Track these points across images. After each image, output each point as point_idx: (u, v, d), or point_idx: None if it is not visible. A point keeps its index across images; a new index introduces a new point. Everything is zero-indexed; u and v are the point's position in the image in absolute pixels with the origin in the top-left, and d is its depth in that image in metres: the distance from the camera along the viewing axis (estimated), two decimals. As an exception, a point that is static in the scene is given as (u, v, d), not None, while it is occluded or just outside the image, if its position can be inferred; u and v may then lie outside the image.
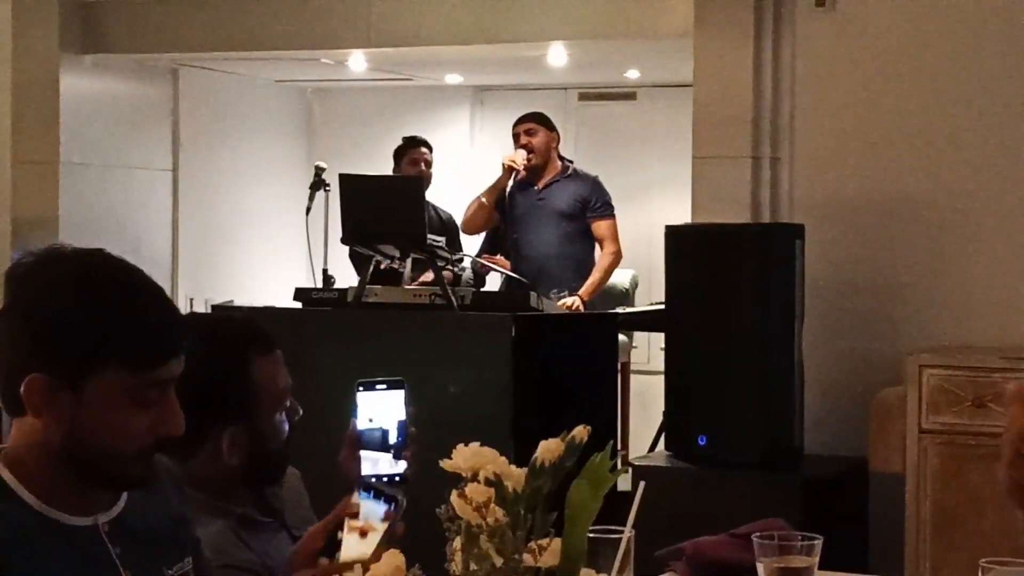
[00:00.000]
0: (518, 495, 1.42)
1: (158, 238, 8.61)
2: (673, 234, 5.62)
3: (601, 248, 7.10)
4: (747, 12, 6.13)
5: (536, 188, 7.10)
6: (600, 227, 7.09)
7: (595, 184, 7.22)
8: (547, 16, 7.11)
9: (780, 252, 5.43)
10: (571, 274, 6.86)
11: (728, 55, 6.16)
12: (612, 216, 7.16)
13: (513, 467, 1.46)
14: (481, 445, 1.53)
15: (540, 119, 7.21)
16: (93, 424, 1.94)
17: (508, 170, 7.03)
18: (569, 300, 6.69)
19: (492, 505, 1.38)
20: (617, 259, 7.11)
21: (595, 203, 7.11)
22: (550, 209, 7.07)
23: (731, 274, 5.44)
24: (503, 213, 7.16)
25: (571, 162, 7.38)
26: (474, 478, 1.42)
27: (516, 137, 7.14)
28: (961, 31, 5.81)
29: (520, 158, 7.01)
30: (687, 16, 6.37)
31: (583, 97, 9.70)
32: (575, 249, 7.08)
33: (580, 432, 1.51)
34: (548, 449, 1.49)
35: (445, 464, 1.45)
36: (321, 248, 6.96)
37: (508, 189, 7.12)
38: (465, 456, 1.45)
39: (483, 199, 7.12)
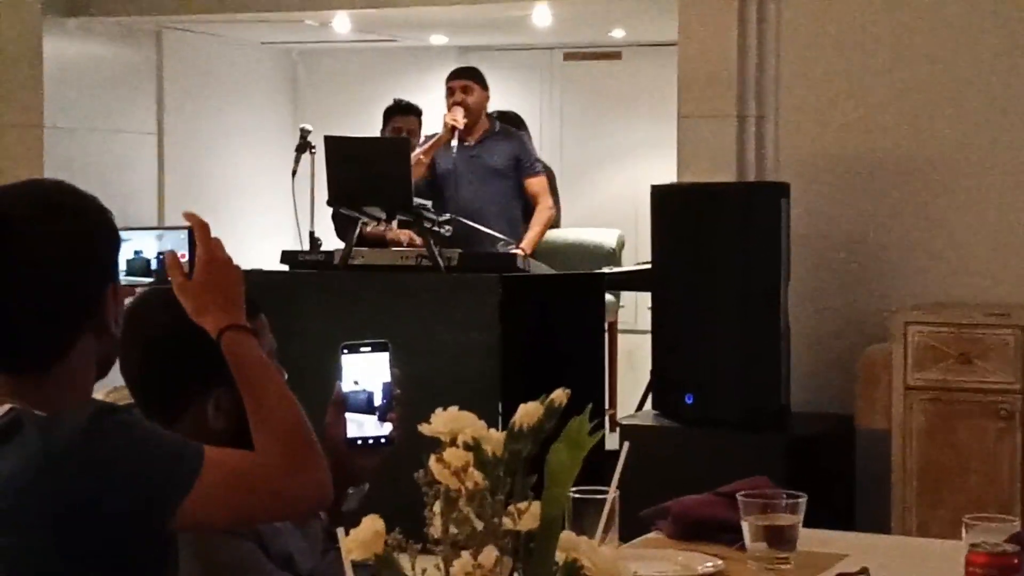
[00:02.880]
0: (497, 459, 1.42)
1: (144, 201, 8.60)
2: (659, 194, 5.62)
3: (535, 203, 7.10)
4: (731, -30, 6.11)
5: (467, 144, 7.09)
6: (533, 183, 7.09)
7: (525, 141, 7.23)
8: (532, -25, 7.09)
9: (766, 211, 5.44)
10: (505, 229, 6.86)
11: (713, 13, 6.15)
12: (542, 172, 7.17)
13: (492, 431, 1.46)
14: (469, 407, 1.54)
15: (475, 75, 7.17)
16: None
17: (450, 129, 7.01)
18: (515, 250, 6.70)
19: (471, 469, 1.39)
20: (553, 214, 7.13)
21: (527, 160, 7.12)
22: (483, 165, 7.06)
23: (717, 233, 5.44)
24: (434, 170, 7.13)
25: (497, 119, 7.35)
26: (453, 442, 1.42)
27: (451, 91, 7.07)
28: (946, -12, 5.80)
29: (460, 116, 6.99)
30: (672, -27, 6.35)
31: (568, 57, 9.68)
32: (507, 205, 7.08)
33: (559, 395, 1.51)
34: (527, 413, 1.49)
35: (424, 428, 1.46)
36: (307, 210, 6.95)
37: (451, 148, 7.07)
38: (444, 420, 1.45)
39: (421, 156, 7.08)
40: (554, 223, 7.58)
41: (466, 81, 7.10)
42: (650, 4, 7.15)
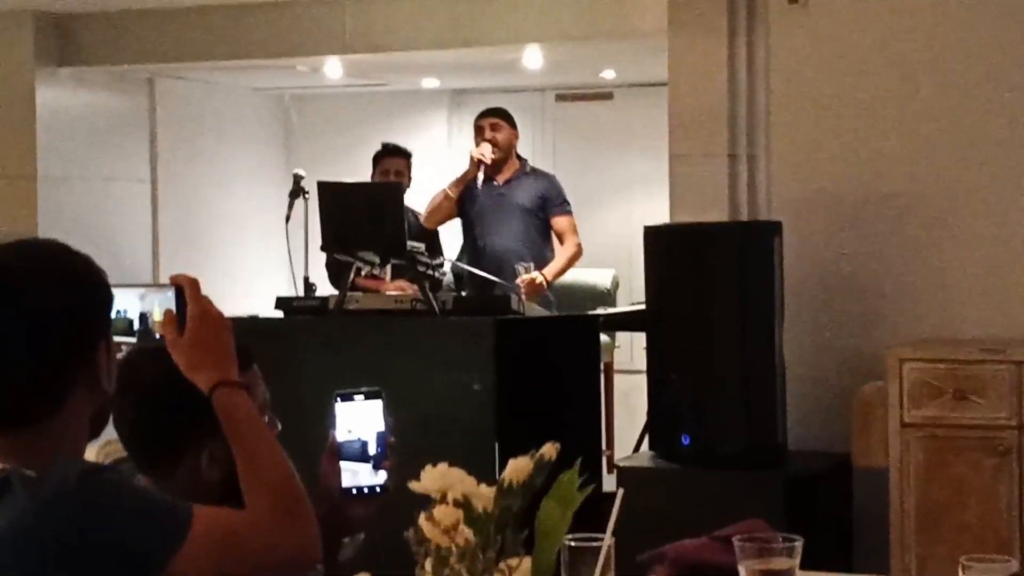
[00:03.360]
0: (488, 515, 1.42)
1: (138, 249, 8.61)
2: (652, 234, 5.63)
3: (562, 241, 7.14)
4: (721, 10, 6.14)
5: (497, 184, 7.12)
6: (561, 222, 7.13)
7: (553, 181, 7.28)
8: (522, 18, 7.12)
9: (759, 250, 5.45)
10: (531, 268, 6.88)
11: (702, 53, 6.17)
12: (571, 212, 7.21)
13: (483, 487, 1.46)
14: (465, 450, 1.54)
15: (504, 115, 7.22)
16: None
17: (476, 163, 7.04)
18: (533, 274, 6.71)
19: (461, 526, 1.39)
20: (579, 251, 7.16)
21: (555, 199, 7.16)
22: (512, 204, 7.10)
23: (711, 273, 5.45)
24: (462, 208, 7.17)
25: (527, 160, 7.40)
26: (443, 499, 1.42)
27: (479, 130, 7.14)
28: (935, 26, 5.83)
29: (488, 151, 7.02)
30: (661, 15, 6.39)
31: (560, 98, 9.71)
32: (535, 245, 7.11)
33: (549, 450, 1.51)
34: (517, 468, 1.49)
35: (413, 486, 1.45)
36: (301, 255, 6.96)
37: (478, 183, 7.11)
38: (433, 477, 1.45)
39: (449, 191, 7.11)
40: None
41: (495, 119, 7.15)
42: (640, 45, 7.18)
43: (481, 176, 7.05)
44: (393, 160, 7.61)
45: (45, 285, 1.99)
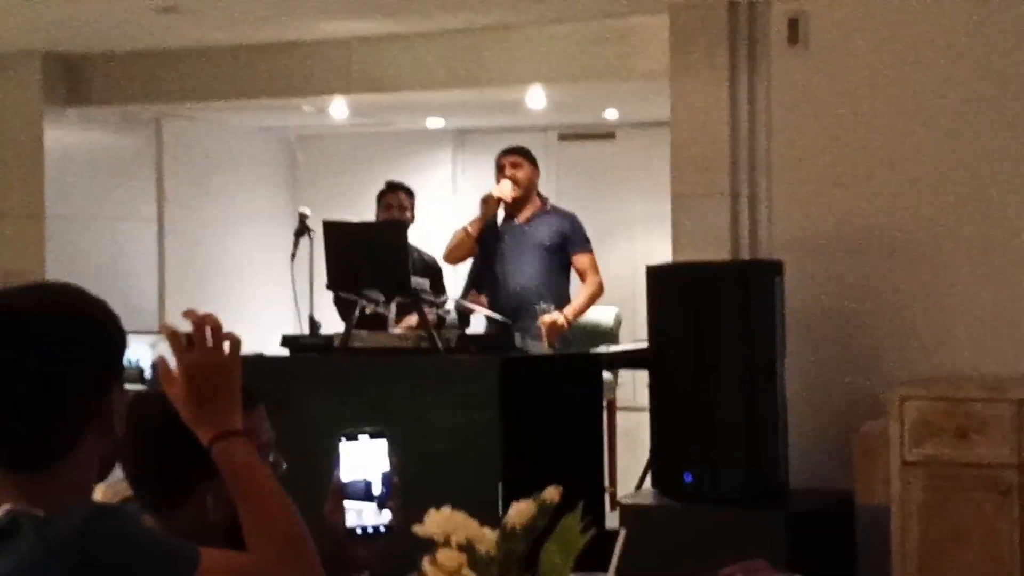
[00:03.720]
0: (491, 558, 1.45)
1: (144, 288, 8.65)
2: (654, 273, 5.67)
3: (583, 279, 7.13)
4: (722, 51, 6.20)
5: (518, 222, 7.13)
6: (582, 260, 7.12)
7: (574, 220, 7.26)
8: (525, 59, 7.17)
9: (760, 289, 5.48)
10: (552, 307, 6.88)
11: (704, 94, 6.23)
12: (592, 251, 7.20)
13: (486, 530, 1.49)
14: (469, 488, 1.57)
15: (525, 153, 7.23)
16: None
17: (496, 201, 7.04)
18: (554, 315, 6.71)
19: (465, 570, 1.42)
20: (600, 290, 7.14)
21: (576, 238, 7.15)
22: (532, 243, 7.09)
23: (713, 311, 5.48)
24: (483, 246, 7.17)
25: (548, 198, 7.41)
26: (446, 543, 1.45)
27: (500, 168, 7.14)
28: (933, 67, 5.88)
29: (508, 189, 7.03)
30: (663, 56, 6.44)
31: (563, 137, 9.76)
32: (555, 283, 7.11)
33: (551, 494, 1.53)
34: (520, 512, 1.52)
35: (417, 530, 1.49)
36: (307, 294, 6.99)
37: (496, 221, 7.11)
38: (437, 521, 1.48)
39: (469, 228, 7.13)
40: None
41: (516, 157, 7.15)
42: (642, 85, 7.24)
43: (502, 214, 7.06)
44: (396, 195, 7.65)
45: (61, 328, 2.01)
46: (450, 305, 7.17)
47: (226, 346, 2.23)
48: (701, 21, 6.23)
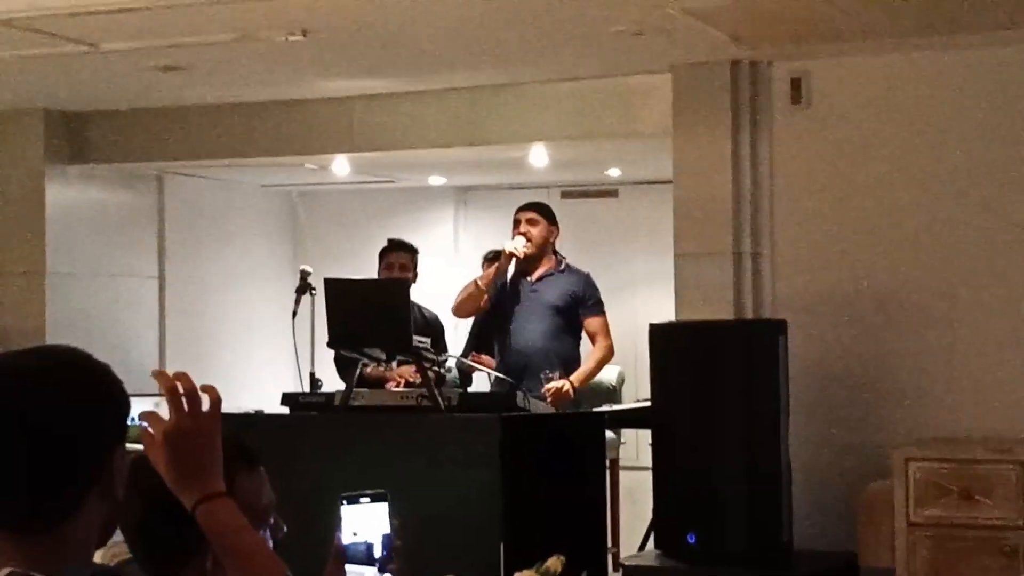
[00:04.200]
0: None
1: (145, 345, 8.63)
2: (657, 332, 5.66)
3: (593, 342, 7.06)
4: (724, 110, 6.21)
5: (530, 280, 7.08)
6: (593, 323, 7.04)
7: (587, 280, 7.18)
8: (528, 118, 7.18)
9: (763, 348, 5.47)
10: (558, 368, 6.83)
11: (706, 152, 6.24)
12: (604, 313, 7.13)
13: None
14: (470, 547, 1.55)
15: (543, 210, 7.17)
16: None
17: (508, 257, 6.99)
18: (560, 383, 6.64)
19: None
20: (610, 353, 7.07)
21: (588, 299, 7.08)
22: (543, 302, 7.03)
23: (716, 371, 5.47)
24: (493, 302, 7.11)
25: (564, 257, 7.35)
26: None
27: (516, 223, 7.08)
28: (937, 127, 5.90)
29: (520, 245, 6.98)
30: (665, 115, 6.45)
31: (565, 195, 9.76)
32: (563, 344, 7.05)
33: (554, 564, 1.52)
34: (522, 583, 1.50)
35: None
36: (308, 351, 6.97)
37: (506, 277, 7.07)
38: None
39: (479, 282, 7.07)
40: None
41: (532, 214, 7.09)
42: (645, 144, 7.24)
43: (512, 270, 7.02)
44: (398, 254, 7.63)
45: (66, 391, 2.01)
46: (451, 363, 7.14)
47: (205, 402, 2.23)
48: (704, 80, 6.25)
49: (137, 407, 2.11)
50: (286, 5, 5.24)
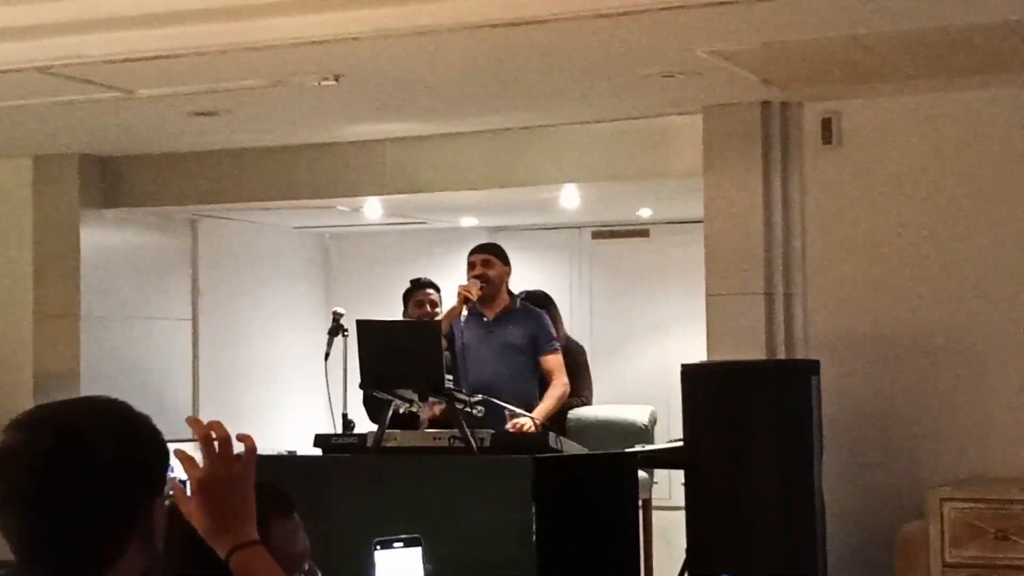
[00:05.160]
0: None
1: (179, 387, 8.66)
2: (689, 372, 5.65)
3: (550, 379, 7.17)
4: (755, 150, 6.22)
5: (486, 320, 7.17)
6: (549, 361, 7.18)
7: (542, 320, 7.32)
8: (559, 159, 7.21)
9: (796, 388, 5.45)
10: (518, 405, 6.89)
11: (738, 193, 6.24)
12: (559, 350, 7.26)
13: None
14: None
15: (496, 251, 7.32)
16: None
17: (463, 298, 7.11)
18: (523, 420, 6.72)
19: None
20: (567, 391, 7.18)
21: (544, 338, 7.21)
22: (499, 341, 7.14)
23: (749, 411, 5.46)
24: (452, 341, 7.19)
25: (520, 296, 7.45)
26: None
27: (471, 266, 7.22)
28: (969, 166, 5.89)
29: (475, 288, 7.10)
30: (696, 155, 6.47)
31: (596, 235, 9.77)
32: (520, 381, 7.12)
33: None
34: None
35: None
36: (340, 392, 6.99)
37: (461, 318, 7.15)
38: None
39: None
40: (586, 401, 7.60)
41: (486, 255, 7.23)
42: (676, 184, 7.25)
43: (465, 312, 7.12)
44: (427, 292, 7.70)
45: (113, 441, 2.04)
46: (482, 405, 7.15)
47: (239, 448, 2.24)
48: (735, 121, 6.26)
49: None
50: (319, 51, 5.28)
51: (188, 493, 2.23)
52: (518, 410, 6.67)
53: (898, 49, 5.27)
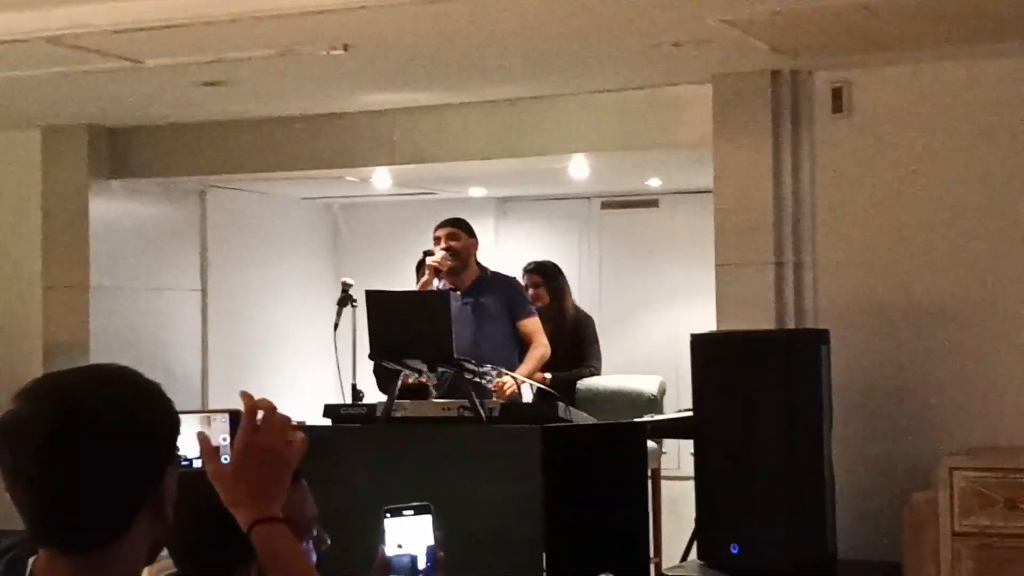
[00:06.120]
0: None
1: (188, 358, 8.67)
2: (699, 342, 5.64)
3: (530, 342, 7.20)
4: (765, 120, 6.20)
5: (458, 293, 7.20)
6: (526, 324, 7.22)
7: (515, 285, 7.37)
8: (567, 129, 7.19)
9: (806, 358, 5.45)
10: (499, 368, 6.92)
11: (747, 162, 6.22)
12: (535, 313, 7.30)
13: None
14: (512, 558, 1.55)
15: (462, 225, 7.35)
16: None
17: (432, 270, 7.13)
18: (505, 379, 6.73)
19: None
20: (547, 351, 7.21)
21: (520, 303, 7.24)
22: (476, 311, 7.17)
23: (758, 381, 5.45)
24: None
25: (487, 267, 7.47)
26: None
27: (437, 240, 7.26)
28: (978, 134, 5.86)
29: (441, 257, 7.13)
30: (706, 125, 6.45)
31: (606, 205, 9.76)
32: (501, 350, 7.14)
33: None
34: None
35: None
36: (349, 363, 6.99)
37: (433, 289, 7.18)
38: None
39: None
40: (595, 371, 7.61)
41: (452, 229, 7.26)
42: (685, 154, 7.24)
43: (437, 283, 7.14)
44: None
45: (121, 411, 2.03)
46: (492, 375, 7.16)
47: (295, 437, 2.25)
48: (744, 90, 6.24)
49: (185, 427, 2.11)
50: (327, 20, 5.27)
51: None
52: (502, 369, 6.68)
53: (909, 17, 5.25)
